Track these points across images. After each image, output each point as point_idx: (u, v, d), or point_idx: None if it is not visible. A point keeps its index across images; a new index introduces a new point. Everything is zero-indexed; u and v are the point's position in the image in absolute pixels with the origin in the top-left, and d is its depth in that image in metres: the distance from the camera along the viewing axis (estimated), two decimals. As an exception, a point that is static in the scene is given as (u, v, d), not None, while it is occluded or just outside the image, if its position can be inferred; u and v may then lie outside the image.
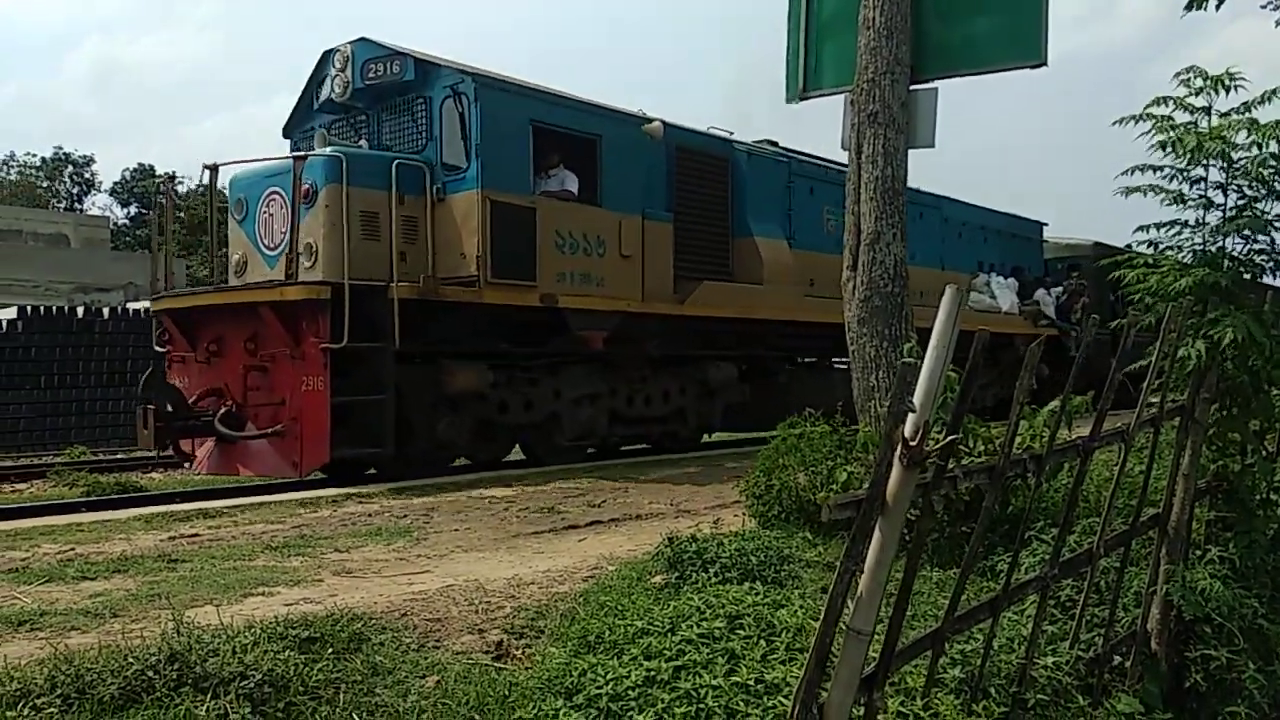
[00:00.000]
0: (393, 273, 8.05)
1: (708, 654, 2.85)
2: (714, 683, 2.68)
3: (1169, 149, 4.18)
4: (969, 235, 15.94)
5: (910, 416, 2.09)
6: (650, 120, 10.22)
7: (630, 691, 2.70)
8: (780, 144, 12.72)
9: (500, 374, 9.03)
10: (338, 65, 9.50)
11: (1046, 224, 18.71)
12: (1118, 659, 3.76)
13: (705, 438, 12.24)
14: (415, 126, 9.19)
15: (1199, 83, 4.16)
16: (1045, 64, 5.78)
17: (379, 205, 8.28)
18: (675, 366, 10.91)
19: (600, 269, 9.55)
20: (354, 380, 7.88)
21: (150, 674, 2.66)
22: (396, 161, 8.32)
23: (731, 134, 11.77)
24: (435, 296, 8.30)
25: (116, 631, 3.16)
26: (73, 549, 4.97)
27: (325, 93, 9.72)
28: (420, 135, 9.11)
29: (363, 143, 9.50)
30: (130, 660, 2.70)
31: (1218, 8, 6.59)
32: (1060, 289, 17.55)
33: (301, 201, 8.11)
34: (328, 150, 8.50)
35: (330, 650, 3.03)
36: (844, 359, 13.23)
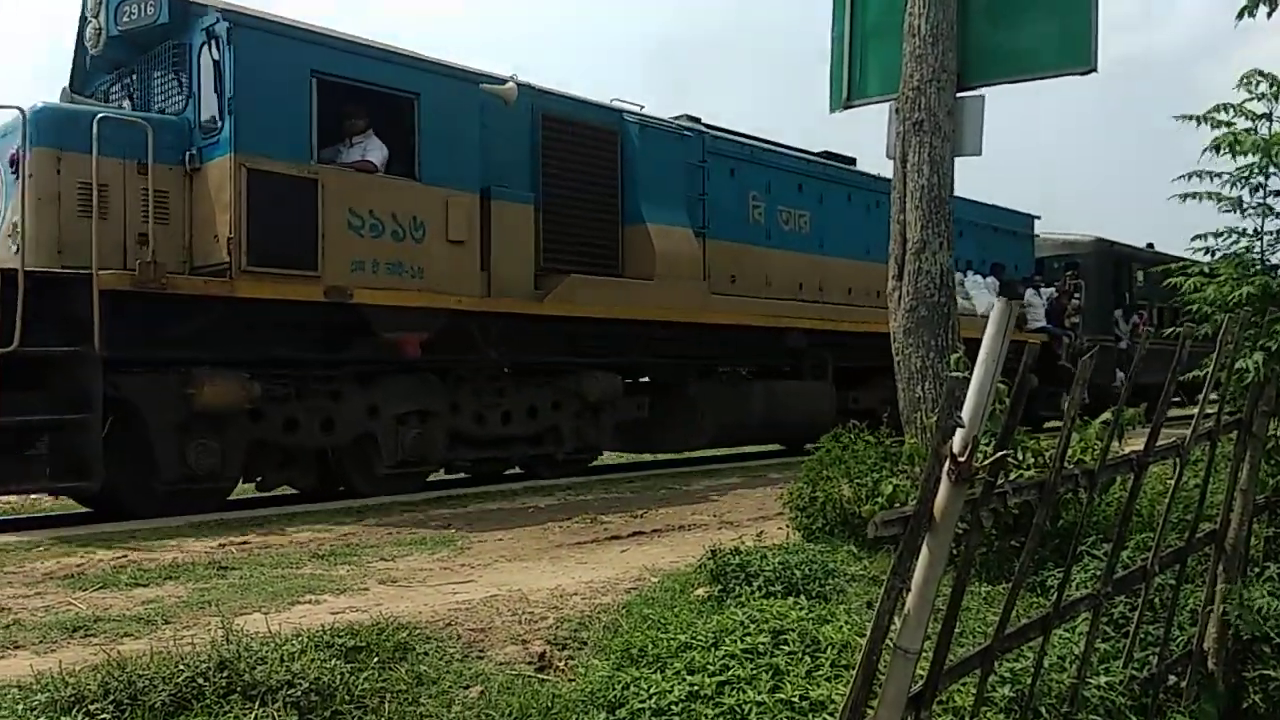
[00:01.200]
0: (95, 257, 6.34)
1: (751, 669, 2.83)
2: (758, 699, 2.66)
3: (1224, 151, 4.09)
4: None
5: (958, 431, 2.06)
6: (502, 80, 8.43)
7: (673, 706, 2.69)
8: (703, 121, 10.98)
9: (279, 385, 7.31)
10: (90, 9, 7.85)
11: (1039, 217, 16.75)
12: (1173, 679, 3.67)
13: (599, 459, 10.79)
14: (176, 81, 7.52)
15: (1263, 87, 4.07)
16: (1095, 69, 5.68)
17: (107, 175, 6.68)
18: (544, 377, 9.12)
19: (417, 257, 7.76)
20: (46, 395, 6.23)
21: (200, 681, 2.70)
22: (99, 116, 6.59)
23: (642, 107, 10.08)
24: (159, 288, 6.56)
25: (168, 638, 3.21)
26: (126, 555, 5.06)
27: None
28: (181, 92, 7.43)
29: (126, 104, 7.88)
30: (181, 667, 2.74)
31: (1269, 15, 6.44)
32: (1052, 289, 16.05)
33: (9, 170, 6.84)
34: (31, 106, 6.70)
35: (376, 659, 3.05)
36: (780, 364, 11.79)
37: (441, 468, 9.03)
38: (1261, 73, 4.06)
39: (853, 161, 12.97)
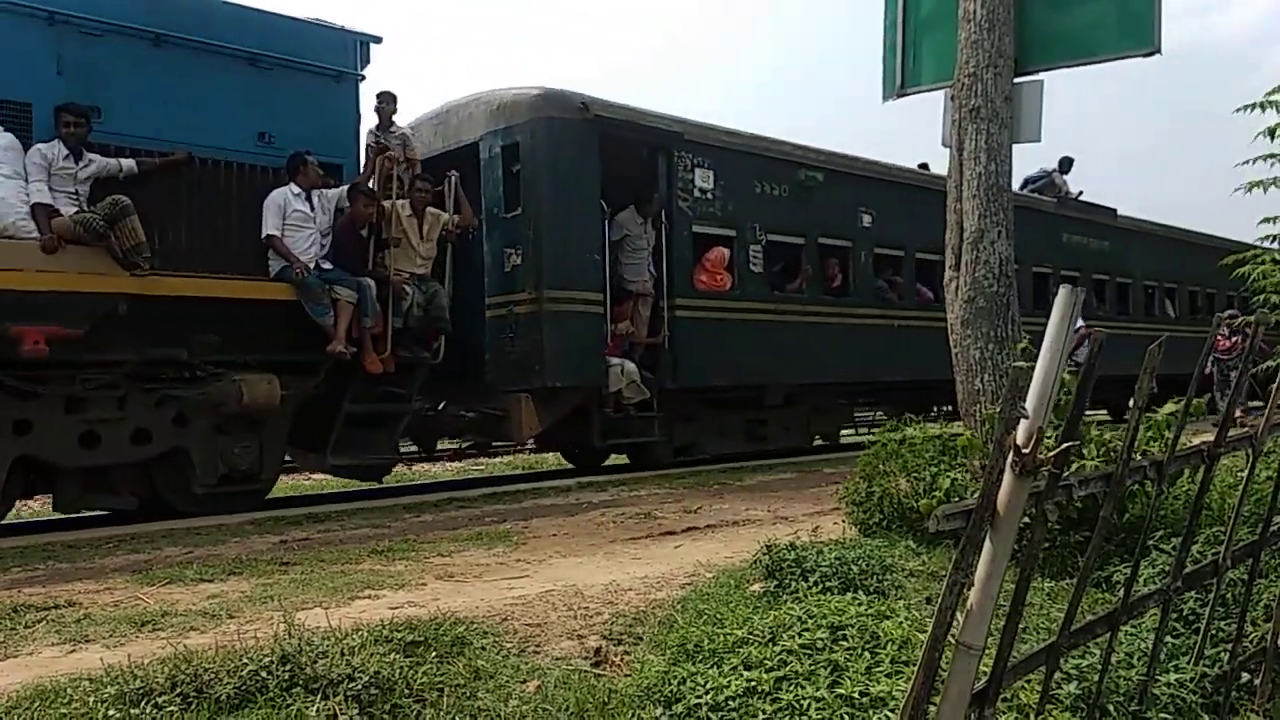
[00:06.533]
0: None
1: (810, 665, 2.80)
2: (817, 695, 2.62)
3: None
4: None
5: (1022, 422, 2.00)
6: None
7: (730, 702, 2.66)
8: None
9: None
10: None
11: (378, 39, 8.20)
12: (1246, 676, 3.55)
13: None
14: None
15: None
16: (1159, 51, 5.53)
17: None
18: None
19: None
20: None
21: (264, 674, 2.74)
22: None
23: None
24: None
25: (232, 633, 3.27)
26: (191, 551, 5.18)
27: None
28: None
29: None
30: (245, 661, 2.79)
31: None
32: (324, 192, 7.77)
33: None
34: None
35: (434, 653, 3.08)
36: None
37: None
38: None
39: None
